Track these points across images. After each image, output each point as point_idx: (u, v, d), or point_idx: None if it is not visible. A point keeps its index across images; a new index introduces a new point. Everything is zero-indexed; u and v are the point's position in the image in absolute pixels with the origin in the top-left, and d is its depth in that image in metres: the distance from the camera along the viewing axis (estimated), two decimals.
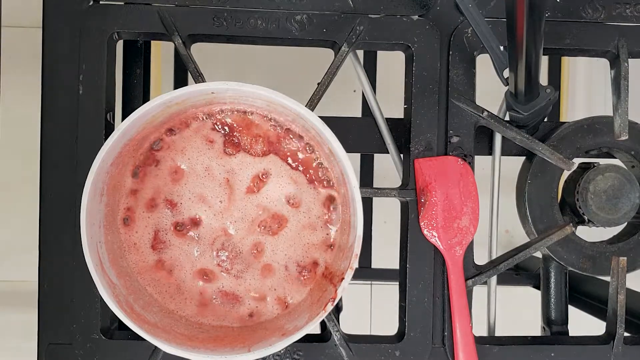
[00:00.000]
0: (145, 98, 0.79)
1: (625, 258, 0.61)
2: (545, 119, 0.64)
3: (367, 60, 1.06)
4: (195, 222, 0.59)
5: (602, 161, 0.65)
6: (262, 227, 0.59)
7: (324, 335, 0.61)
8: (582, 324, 0.75)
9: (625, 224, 0.66)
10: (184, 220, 0.59)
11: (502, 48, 0.57)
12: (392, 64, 1.25)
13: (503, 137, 0.64)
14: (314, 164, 0.59)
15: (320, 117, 0.53)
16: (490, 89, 0.68)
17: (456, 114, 0.61)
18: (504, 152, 0.65)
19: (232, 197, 0.59)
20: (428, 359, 0.60)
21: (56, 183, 0.58)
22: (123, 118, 0.52)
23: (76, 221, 0.51)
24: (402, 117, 0.63)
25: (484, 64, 0.61)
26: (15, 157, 1.12)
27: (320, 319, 0.53)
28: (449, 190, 0.60)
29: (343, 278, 0.53)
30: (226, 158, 0.59)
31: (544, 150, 0.61)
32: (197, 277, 0.59)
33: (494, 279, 0.64)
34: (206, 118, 0.58)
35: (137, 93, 0.77)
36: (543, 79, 0.73)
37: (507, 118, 0.62)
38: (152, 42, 0.79)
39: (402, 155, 0.63)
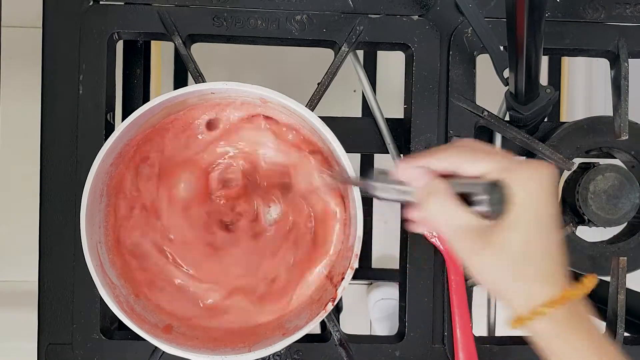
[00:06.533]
0: (145, 98, 0.79)
1: (625, 258, 0.61)
2: (545, 119, 0.64)
3: (367, 60, 1.06)
4: None
5: (602, 161, 0.65)
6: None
7: (324, 335, 0.61)
8: None
9: (625, 224, 0.66)
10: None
11: (502, 48, 0.57)
12: (392, 64, 1.25)
13: (503, 137, 0.63)
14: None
15: (320, 117, 0.53)
16: (490, 89, 0.68)
17: (456, 114, 0.61)
18: None
19: None
20: (428, 359, 0.60)
21: (56, 183, 0.58)
22: (123, 118, 0.52)
23: (76, 221, 0.51)
24: (402, 117, 0.63)
25: (484, 64, 0.61)
26: (15, 157, 1.12)
27: (320, 319, 0.53)
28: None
29: (343, 278, 0.53)
30: None
31: (544, 150, 0.61)
32: None
33: None
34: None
35: (137, 93, 0.77)
36: (543, 79, 0.73)
37: (507, 118, 0.62)
38: (152, 42, 0.79)
39: (402, 155, 0.63)
